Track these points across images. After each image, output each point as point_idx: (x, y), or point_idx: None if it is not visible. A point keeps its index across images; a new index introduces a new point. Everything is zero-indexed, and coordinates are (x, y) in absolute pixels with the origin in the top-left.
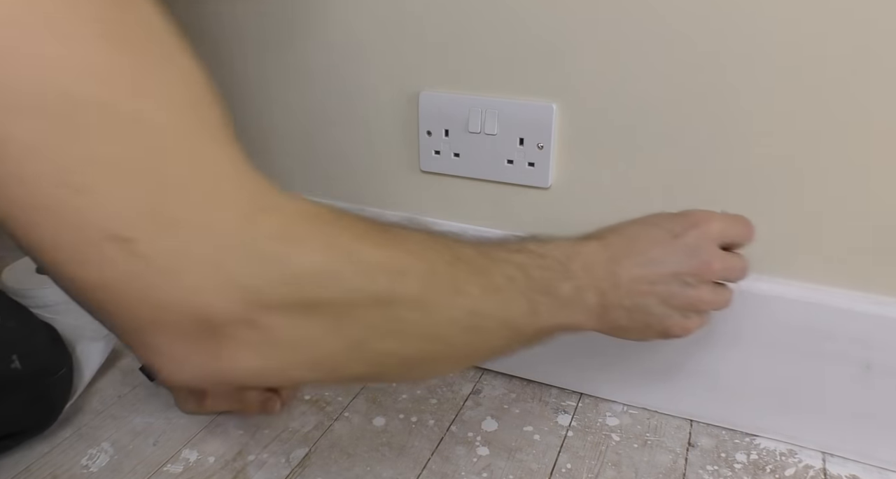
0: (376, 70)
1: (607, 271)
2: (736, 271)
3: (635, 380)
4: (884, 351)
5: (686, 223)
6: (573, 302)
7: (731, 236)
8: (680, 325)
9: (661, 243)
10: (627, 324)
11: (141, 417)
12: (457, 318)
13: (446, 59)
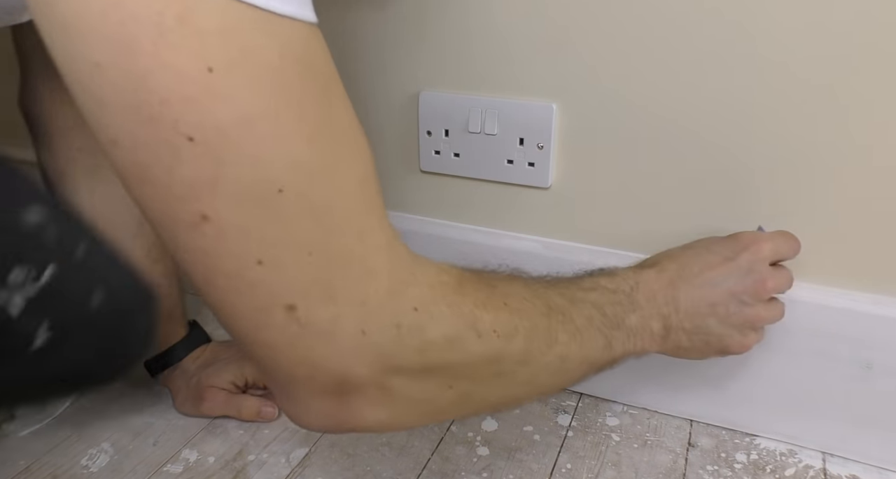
0: (376, 70)
1: (667, 296)
2: (786, 285)
3: (635, 380)
4: (884, 351)
5: (738, 246)
6: (640, 331)
7: (781, 254)
8: (739, 342)
9: (716, 266)
10: (689, 345)
11: (141, 417)
12: (550, 364)
13: (446, 59)
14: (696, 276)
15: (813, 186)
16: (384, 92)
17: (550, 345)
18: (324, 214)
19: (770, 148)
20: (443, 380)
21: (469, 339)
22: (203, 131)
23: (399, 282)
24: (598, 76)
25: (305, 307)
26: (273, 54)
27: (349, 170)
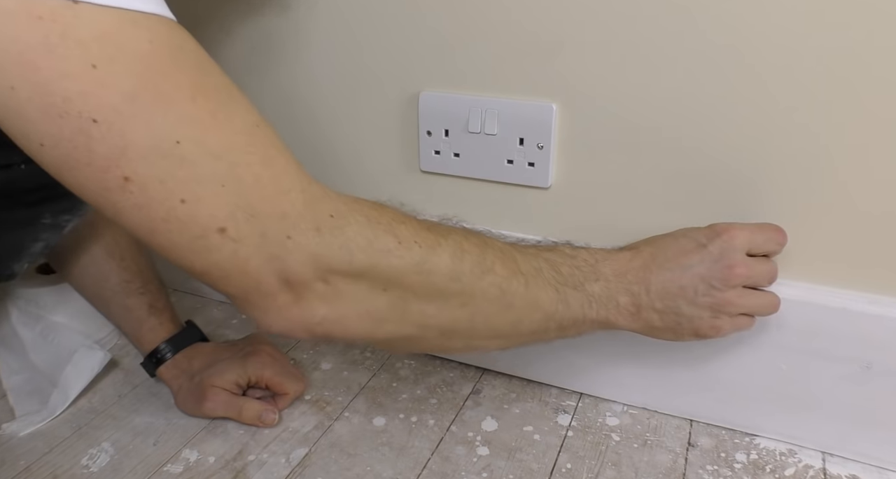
0: (376, 70)
1: (638, 276)
2: (762, 275)
3: (635, 380)
4: (884, 351)
5: (712, 234)
6: (604, 301)
7: (758, 244)
8: (709, 325)
9: (689, 252)
10: (661, 325)
11: (141, 417)
12: (487, 291)
13: (446, 59)
14: (670, 260)
15: (811, 186)
16: (384, 92)
17: (485, 271)
18: (224, 153)
19: (770, 148)
20: (375, 282)
21: (389, 243)
22: (103, 113)
23: (313, 197)
24: (598, 76)
25: (234, 227)
26: (143, 43)
27: (237, 118)
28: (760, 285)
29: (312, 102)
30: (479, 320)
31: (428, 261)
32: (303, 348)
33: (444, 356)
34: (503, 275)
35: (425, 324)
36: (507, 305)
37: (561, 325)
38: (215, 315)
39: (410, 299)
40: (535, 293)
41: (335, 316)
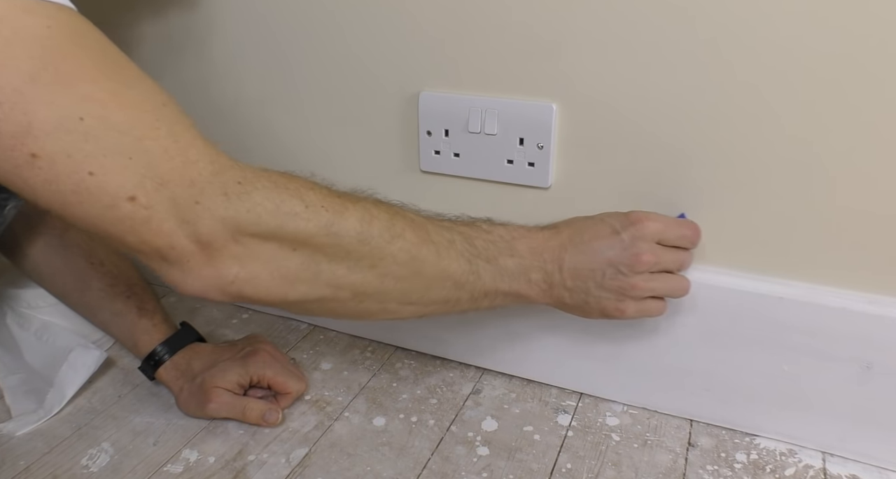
0: (376, 70)
1: (554, 255)
2: (670, 263)
3: (635, 380)
4: (884, 351)
5: (627, 222)
6: (517, 275)
7: (668, 236)
8: (615, 306)
9: (604, 237)
10: (571, 302)
11: (141, 417)
12: (397, 256)
13: (446, 59)
14: (584, 242)
15: (813, 186)
16: (384, 92)
17: (394, 236)
18: (129, 128)
19: (771, 148)
20: (284, 243)
21: (296, 207)
22: (5, 95)
23: (221, 166)
24: (598, 76)
25: (144, 196)
26: (40, 28)
27: (142, 97)
28: (669, 271)
29: (312, 101)
30: (390, 284)
31: (335, 224)
32: (303, 348)
33: (443, 356)
34: (413, 242)
35: (337, 284)
36: (416, 270)
37: (472, 295)
38: (215, 315)
39: (321, 259)
40: (446, 263)
41: (247, 275)
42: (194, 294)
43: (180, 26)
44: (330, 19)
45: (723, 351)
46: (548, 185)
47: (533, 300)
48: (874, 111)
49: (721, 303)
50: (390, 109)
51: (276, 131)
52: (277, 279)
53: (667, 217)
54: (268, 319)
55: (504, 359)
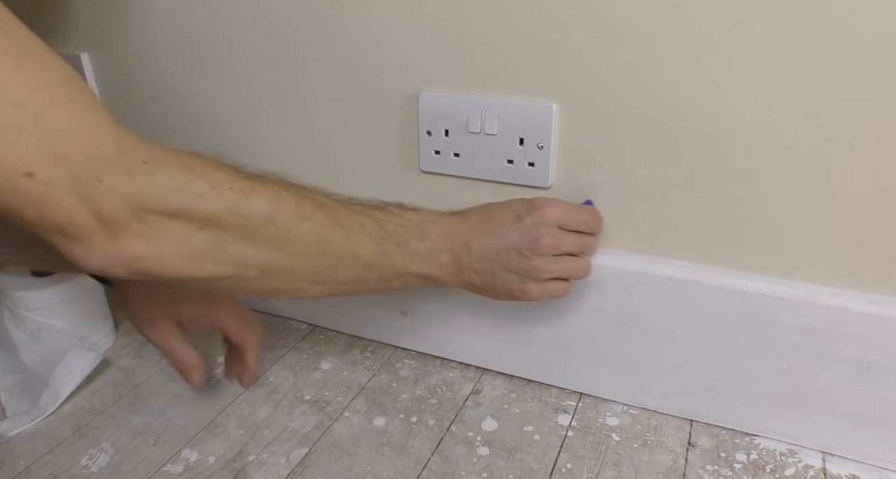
0: (376, 70)
1: (463, 239)
2: (572, 247)
3: (635, 380)
4: (884, 351)
5: (530, 208)
6: (427, 258)
7: (569, 221)
8: (519, 288)
9: (509, 222)
10: (480, 284)
11: (141, 417)
12: (305, 238)
13: (446, 59)
14: (491, 227)
15: (813, 185)
16: (384, 92)
17: (303, 219)
18: (27, 104)
19: (771, 148)
20: (190, 223)
21: (202, 187)
22: None
23: (126, 145)
24: (598, 76)
25: (43, 171)
26: None
27: (43, 75)
28: (572, 254)
29: (313, 101)
30: (298, 264)
31: (243, 205)
32: (303, 348)
33: (443, 356)
34: (322, 224)
35: (244, 263)
36: (324, 252)
37: (382, 276)
38: None
39: (228, 239)
40: (356, 245)
41: (153, 253)
42: (97, 270)
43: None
44: (330, 19)
45: (723, 351)
46: (548, 185)
47: (443, 282)
48: (875, 110)
49: (720, 304)
50: (390, 109)
51: (277, 131)
52: (183, 257)
53: (568, 203)
54: (268, 319)
55: (504, 359)
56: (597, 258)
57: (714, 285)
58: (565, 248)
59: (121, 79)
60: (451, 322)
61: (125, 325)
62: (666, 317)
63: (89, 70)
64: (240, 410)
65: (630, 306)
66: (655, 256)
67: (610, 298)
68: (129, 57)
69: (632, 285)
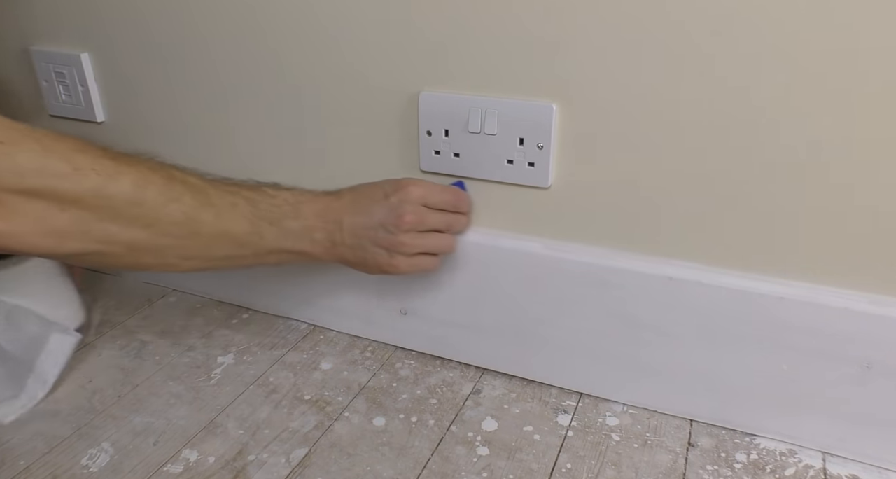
0: (376, 70)
1: (336, 217)
2: (436, 223)
3: (635, 380)
4: (884, 351)
5: (396, 187)
6: (301, 235)
7: (432, 200)
8: (387, 262)
9: (377, 201)
10: (353, 259)
11: (141, 417)
12: (173, 218)
13: (446, 59)
14: (361, 206)
15: (814, 185)
16: (384, 92)
17: (171, 200)
18: None
19: (771, 147)
20: (52, 203)
21: (63, 169)
22: None
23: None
24: (598, 76)
25: None
26: None
27: None
28: (439, 231)
29: (313, 101)
30: (167, 242)
31: (106, 187)
32: (303, 348)
33: (443, 356)
34: (192, 205)
35: (109, 241)
36: (194, 231)
37: (256, 252)
38: (215, 315)
39: (90, 219)
40: (227, 224)
41: (13, 231)
42: None
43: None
44: (331, 19)
45: (723, 351)
46: (548, 185)
47: (318, 258)
48: (875, 110)
49: (720, 304)
50: (390, 109)
51: (277, 130)
52: (44, 236)
53: (431, 184)
54: (268, 319)
55: (504, 359)
56: (598, 259)
57: (714, 284)
58: (430, 225)
59: (121, 79)
60: (451, 322)
61: (125, 324)
62: (666, 317)
63: (89, 70)
64: (240, 410)
65: (631, 306)
66: (656, 255)
67: (611, 297)
68: (129, 57)
69: (632, 285)
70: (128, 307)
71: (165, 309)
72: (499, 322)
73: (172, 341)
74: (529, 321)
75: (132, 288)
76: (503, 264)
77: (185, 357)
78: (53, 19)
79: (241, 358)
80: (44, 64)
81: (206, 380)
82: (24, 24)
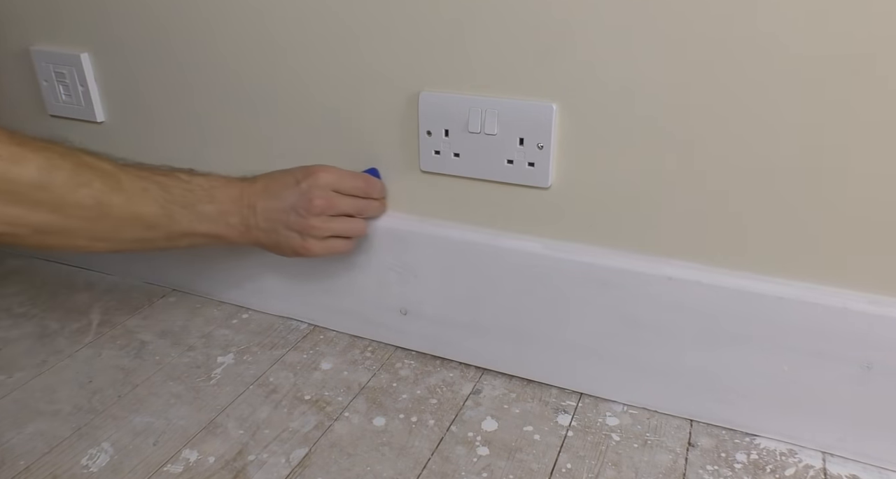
0: (376, 70)
1: (250, 202)
2: (346, 208)
3: (635, 380)
4: (884, 351)
5: (306, 173)
6: (215, 219)
7: (342, 186)
8: (300, 244)
9: (289, 186)
10: (267, 242)
11: (141, 417)
12: (82, 202)
13: (446, 59)
14: (274, 191)
15: (813, 185)
16: (384, 92)
17: (80, 185)
18: None
19: (771, 148)
20: None
21: None
22: None
23: None
24: (598, 76)
25: None
26: None
27: None
28: (349, 215)
29: (313, 101)
30: (76, 224)
31: (10, 172)
32: (303, 348)
33: (443, 356)
34: (102, 190)
35: (14, 223)
36: (103, 214)
37: (168, 235)
38: (215, 315)
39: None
40: (138, 208)
41: None
42: None
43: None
44: (331, 19)
45: (723, 351)
46: (548, 185)
47: (233, 242)
48: (876, 110)
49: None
50: (390, 109)
51: (276, 130)
52: None
53: (342, 170)
54: (268, 319)
55: (504, 359)
56: (598, 259)
57: (714, 284)
58: (340, 209)
59: (121, 79)
60: (451, 322)
61: (125, 324)
62: (666, 317)
63: (89, 70)
64: (240, 410)
65: (631, 306)
66: (656, 255)
67: (611, 297)
68: (129, 57)
69: (632, 285)
70: (128, 307)
71: (165, 309)
72: (499, 322)
73: (172, 341)
74: (529, 321)
75: (132, 288)
76: (503, 263)
77: (184, 357)
78: (53, 19)
79: (241, 358)
80: (44, 64)
81: (206, 380)
82: (24, 24)
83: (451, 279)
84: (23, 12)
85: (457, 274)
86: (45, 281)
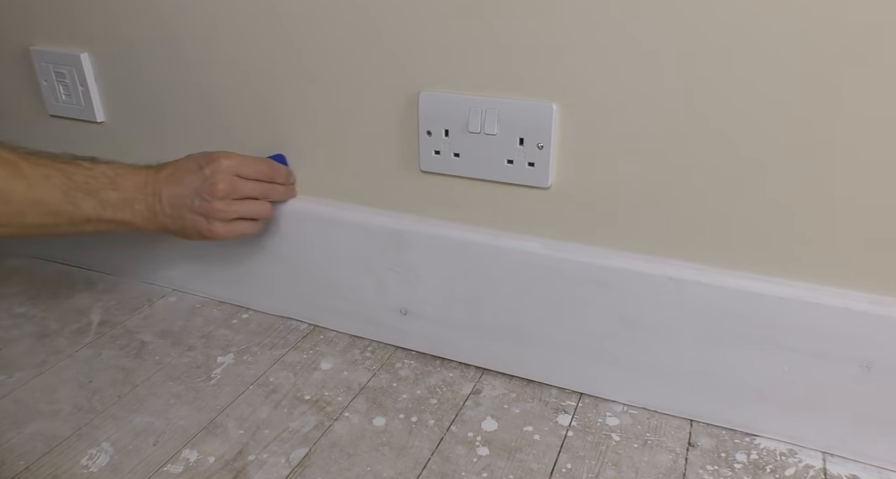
0: (376, 70)
1: (155, 189)
2: (250, 191)
3: (635, 380)
4: (884, 351)
5: (209, 159)
6: (121, 206)
7: (245, 171)
8: (206, 228)
9: (192, 172)
10: (174, 227)
11: (141, 417)
12: None
13: (446, 59)
14: (178, 177)
15: (813, 185)
16: (384, 92)
17: None
18: None
19: (770, 147)
20: None
21: None
22: None
23: None
24: (598, 76)
25: None
26: None
27: None
28: (254, 198)
29: (313, 101)
30: None
31: None
32: (303, 348)
33: (443, 356)
34: (2, 177)
35: None
36: (5, 200)
37: (73, 221)
38: (215, 315)
39: None
40: (39, 194)
41: None
42: None
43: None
44: (331, 19)
45: (723, 351)
46: (548, 185)
47: (140, 227)
48: (876, 110)
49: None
50: (390, 109)
51: (276, 130)
52: None
53: (244, 156)
54: (268, 319)
55: (504, 359)
56: (598, 259)
57: (714, 284)
58: (243, 192)
59: (121, 79)
60: (451, 322)
61: (125, 324)
62: (665, 317)
63: (89, 70)
64: (240, 410)
65: (631, 306)
66: (656, 255)
67: (611, 297)
68: (129, 57)
69: (632, 285)
70: (128, 307)
71: (165, 309)
72: (499, 322)
73: (172, 341)
74: (529, 321)
75: (132, 288)
76: (503, 264)
77: (184, 357)
78: (53, 19)
79: (241, 358)
80: (44, 64)
81: (206, 380)
82: (24, 24)
83: (451, 279)
84: (23, 12)
85: (457, 274)
86: (45, 281)
